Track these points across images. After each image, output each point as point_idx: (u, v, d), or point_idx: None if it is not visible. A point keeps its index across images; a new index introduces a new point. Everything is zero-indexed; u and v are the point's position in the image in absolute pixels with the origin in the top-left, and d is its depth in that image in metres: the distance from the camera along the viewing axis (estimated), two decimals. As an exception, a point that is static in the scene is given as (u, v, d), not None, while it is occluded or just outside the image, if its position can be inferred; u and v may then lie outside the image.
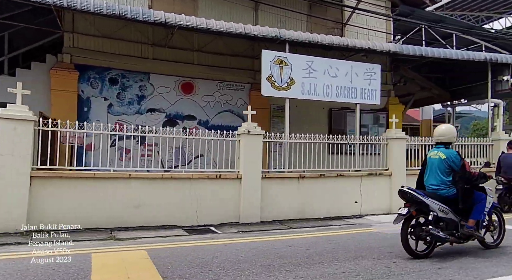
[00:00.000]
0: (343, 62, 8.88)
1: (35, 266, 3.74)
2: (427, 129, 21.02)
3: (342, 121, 11.44)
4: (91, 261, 4.19)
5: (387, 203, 8.97)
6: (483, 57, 10.34)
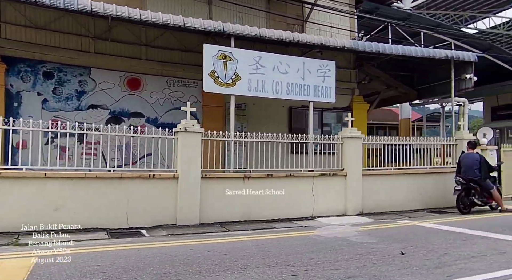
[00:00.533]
0: (295, 58, 8.56)
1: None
2: (406, 129, 20.87)
3: (303, 120, 11.11)
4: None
5: (342, 204, 8.67)
6: (444, 55, 10.12)
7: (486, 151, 10.97)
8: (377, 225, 7.44)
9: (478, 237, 5.95)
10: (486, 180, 9.06)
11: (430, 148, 10.53)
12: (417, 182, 9.86)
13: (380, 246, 5.34)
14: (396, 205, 9.46)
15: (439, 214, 9.04)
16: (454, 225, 7.13)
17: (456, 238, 5.86)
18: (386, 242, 5.63)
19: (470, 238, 5.84)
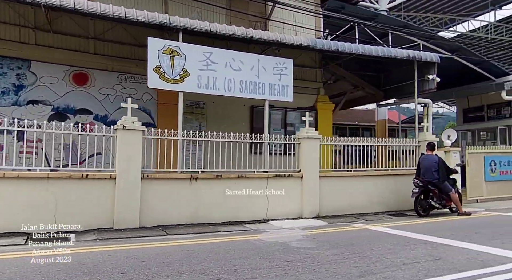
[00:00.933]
0: (249, 55, 8.25)
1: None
2: (382, 130, 20.78)
3: (262, 119, 10.82)
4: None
5: (298, 207, 8.41)
6: (406, 55, 9.98)
7: (449, 152, 10.90)
8: (328, 229, 7.20)
9: (422, 241, 5.75)
10: (445, 182, 8.93)
11: (393, 149, 10.40)
12: (378, 184, 9.69)
13: (317, 252, 5.07)
14: (356, 208, 9.26)
15: (398, 217, 8.86)
16: (406, 229, 6.93)
17: (399, 243, 5.64)
18: (326, 247, 5.37)
19: (413, 243, 5.63)
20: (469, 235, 6.23)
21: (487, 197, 12.15)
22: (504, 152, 12.69)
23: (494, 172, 12.35)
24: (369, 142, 9.69)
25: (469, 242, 5.67)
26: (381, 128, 21.06)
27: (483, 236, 6.15)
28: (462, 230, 6.90)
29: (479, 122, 17.23)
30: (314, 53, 11.39)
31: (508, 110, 15.95)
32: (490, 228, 6.99)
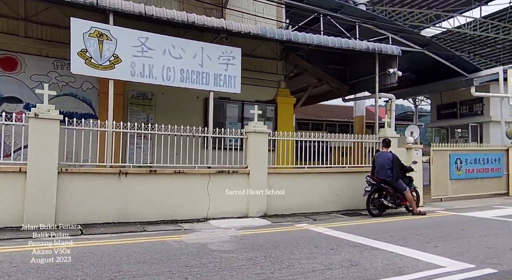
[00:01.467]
0: (191, 42, 7.70)
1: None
2: (360, 126, 20.42)
3: (221, 112, 10.34)
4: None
5: (244, 205, 7.95)
6: (366, 47, 9.53)
7: (411, 149, 10.54)
8: (266, 229, 6.75)
9: (353, 244, 5.34)
10: (399, 181, 8.56)
11: (352, 146, 10.00)
12: (335, 182, 9.29)
13: (230, 255, 4.62)
14: (310, 206, 8.85)
15: (350, 217, 8.48)
16: (347, 230, 6.53)
17: (327, 246, 5.22)
18: (245, 250, 4.93)
19: (342, 246, 5.21)
20: (408, 237, 5.86)
21: (452, 195, 11.87)
22: (471, 149, 12.42)
23: (459, 170, 12.06)
24: (325, 137, 9.26)
25: (402, 245, 5.28)
26: (359, 124, 20.67)
27: (421, 239, 5.78)
28: (405, 231, 6.52)
29: (452, 119, 16.98)
30: (275, 44, 10.90)
31: (480, 107, 15.70)
32: (435, 229, 6.62)
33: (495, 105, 14.84)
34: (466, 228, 6.78)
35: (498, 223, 7.25)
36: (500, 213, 8.79)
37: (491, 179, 12.71)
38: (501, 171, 12.84)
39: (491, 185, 12.72)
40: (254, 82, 10.68)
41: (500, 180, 12.88)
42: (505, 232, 6.30)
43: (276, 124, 10.87)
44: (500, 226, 6.95)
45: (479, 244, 5.39)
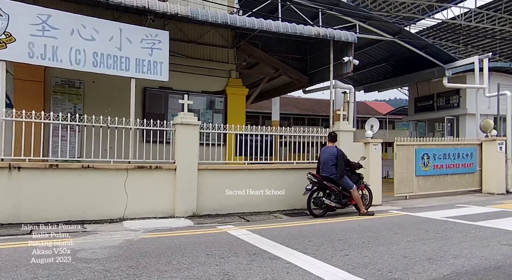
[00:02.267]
0: (106, 22, 6.95)
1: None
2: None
3: (162, 103, 9.64)
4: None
5: (170, 204, 7.31)
6: (315, 32, 8.75)
7: (369, 144, 9.84)
8: (180, 232, 6.10)
9: (255, 251, 4.71)
10: (344, 178, 7.90)
11: (301, 141, 9.31)
12: (280, 179, 8.63)
13: (89, 265, 3.97)
14: (250, 206, 8.20)
15: (291, 217, 7.84)
16: (269, 234, 5.91)
17: (223, 254, 4.58)
18: (117, 259, 4.28)
19: (239, 254, 4.56)
20: (326, 243, 5.22)
21: (419, 193, 11.21)
22: (439, 144, 11.72)
23: (426, 166, 11.37)
24: (269, 131, 8.56)
25: (310, 253, 4.67)
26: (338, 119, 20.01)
27: (339, 245, 5.14)
28: (330, 235, 5.85)
29: (429, 112, 16.24)
30: (225, 31, 10.14)
31: (457, 100, 14.95)
32: (365, 234, 5.95)
33: (471, 97, 14.08)
34: (401, 231, 6.11)
35: (441, 226, 6.57)
36: (456, 212, 8.13)
37: (462, 175, 12.03)
38: (474, 166, 12.16)
39: (463, 182, 12.04)
40: (201, 71, 9.97)
41: (473, 176, 12.20)
42: (439, 236, 5.63)
43: (226, 117, 10.17)
44: (441, 229, 6.27)
45: (397, 252, 4.72)
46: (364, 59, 16.03)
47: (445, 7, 24.09)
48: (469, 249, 4.82)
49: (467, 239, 5.44)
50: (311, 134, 9.11)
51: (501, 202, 9.83)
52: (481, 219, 7.07)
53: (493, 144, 11.98)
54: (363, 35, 12.28)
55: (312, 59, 11.26)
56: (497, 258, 4.39)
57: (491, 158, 12.00)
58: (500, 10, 23.53)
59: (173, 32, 9.68)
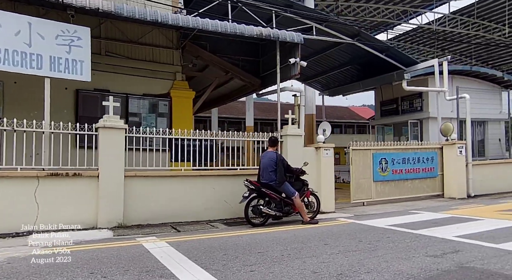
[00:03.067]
0: (10, 15, 6.29)
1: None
2: (310, 126, 19.30)
3: (98, 106, 8.96)
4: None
5: (92, 214, 6.69)
6: (258, 32, 8.31)
7: (320, 149, 9.42)
8: (90, 246, 5.50)
9: (147, 269, 4.13)
10: (285, 185, 7.41)
11: (248, 146, 8.83)
12: (222, 186, 8.13)
13: None
14: (187, 215, 7.66)
15: (229, 227, 7.32)
16: (188, 247, 5.41)
17: (110, 272, 4.01)
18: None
19: (126, 273, 3.99)
20: (240, 257, 4.72)
21: (377, 199, 10.84)
22: (398, 148, 11.38)
23: (385, 171, 11.03)
24: (208, 136, 8.03)
25: (211, 270, 4.20)
26: (308, 123, 19.57)
27: (252, 259, 4.64)
28: (252, 248, 5.34)
29: (395, 116, 16.01)
30: (169, 31, 9.61)
31: (420, 103, 14.75)
32: (290, 245, 5.46)
33: (433, 100, 13.87)
34: (332, 242, 5.64)
35: (379, 235, 6.13)
36: (404, 219, 7.73)
37: (424, 180, 11.73)
38: (435, 170, 11.88)
39: (424, 186, 11.74)
40: (143, 73, 9.40)
41: (434, 181, 11.92)
42: (368, 247, 5.16)
43: (170, 121, 9.60)
44: (376, 238, 5.82)
45: (310, 267, 4.23)
46: (328, 62, 15.77)
47: (419, 12, 24.18)
48: (389, 262, 4.36)
49: (395, 250, 4.98)
50: (256, 138, 8.61)
51: (457, 207, 9.52)
52: (424, 227, 6.67)
53: (453, 148, 11.74)
54: (321, 37, 11.97)
55: (264, 61, 10.83)
56: (412, 272, 3.92)
57: (451, 162, 11.75)
58: (473, 16, 23.75)
59: (109, 31, 9.15)
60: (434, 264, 4.19)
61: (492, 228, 6.39)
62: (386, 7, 23.57)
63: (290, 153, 8.81)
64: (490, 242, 5.24)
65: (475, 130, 15.31)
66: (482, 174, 12.15)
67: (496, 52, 28.55)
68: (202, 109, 14.69)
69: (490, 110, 15.34)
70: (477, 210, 8.73)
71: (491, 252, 4.70)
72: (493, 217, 7.53)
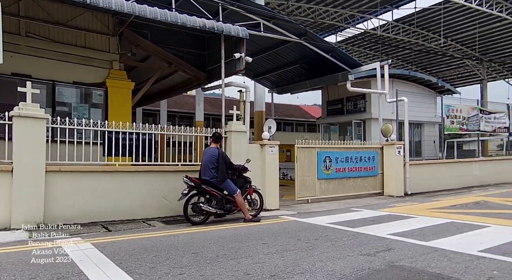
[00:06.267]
0: None
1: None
2: (259, 122, 19.10)
3: (17, 93, 8.06)
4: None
5: (4, 213, 5.92)
6: (201, 24, 7.92)
7: (265, 146, 9.28)
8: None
9: (61, 277, 3.67)
10: (226, 182, 7.15)
11: (193, 141, 8.42)
12: (162, 183, 7.70)
13: None
14: (121, 213, 7.14)
15: (168, 225, 6.94)
16: (114, 249, 4.96)
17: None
18: None
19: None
20: (171, 258, 4.42)
21: (321, 196, 10.94)
22: (342, 147, 11.60)
23: (329, 169, 11.16)
24: (147, 129, 7.52)
25: (136, 274, 3.87)
26: (258, 120, 19.38)
27: (184, 261, 4.33)
28: (187, 248, 5.03)
29: (340, 115, 16.39)
30: (104, 16, 8.89)
31: (363, 104, 15.23)
32: (228, 244, 5.22)
33: (375, 102, 14.38)
34: (271, 241, 5.48)
35: (319, 233, 6.09)
36: (345, 217, 7.81)
37: (365, 178, 12.06)
38: (376, 169, 12.27)
39: (366, 185, 12.08)
40: (73, 59, 8.61)
41: (375, 179, 12.30)
42: (306, 246, 5.07)
43: (106, 112, 8.90)
44: (315, 237, 5.76)
45: (243, 268, 4.01)
46: (277, 60, 15.74)
47: (366, 18, 25.08)
48: (324, 261, 4.26)
49: (332, 249, 4.92)
50: (199, 134, 8.25)
51: (394, 205, 9.86)
52: (362, 225, 6.74)
53: (392, 148, 12.20)
54: (268, 34, 11.83)
55: (210, 54, 10.46)
56: (345, 272, 3.85)
57: (391, 161, 12.20)
58: (414, 25, 25.15)
59: (30, 10, 8.21)
60: (366, 263, 4.16)
61: (423, 225, 6.62)
62: (335, 11, 24.17)
63: (234, 149, 8.57)
64: (420, 240, 5.38)
65: (412, 132, 16.10)
66: (418, 173, 12.80)
67: (434, 60, 30.62)
68: (145, 102, 13.96)
69: (426, 113, 16.24)
70: (412, 208, 9.09)
71: (420, 250, 4.80)
72: (425, 215, 7.86)
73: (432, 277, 3.70)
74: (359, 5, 22.85)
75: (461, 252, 4.64)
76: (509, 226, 6.44)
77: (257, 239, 5.67)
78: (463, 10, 21.68)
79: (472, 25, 23.74)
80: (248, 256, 4.59)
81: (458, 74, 33.29)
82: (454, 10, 21.83)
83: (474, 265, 4.12)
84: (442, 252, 4.67)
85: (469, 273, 3.83)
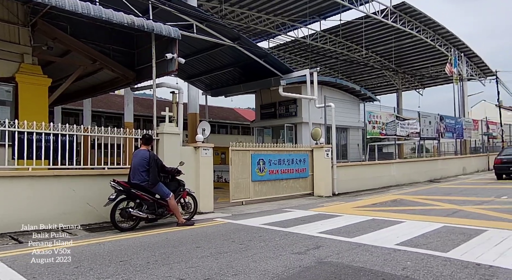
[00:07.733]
0: None
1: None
2: (193, 125, 18.56)
3: None
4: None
5: None
6: (129, 21, 7.49)
7: (199, 149, 9.12)
8: None
9: None
10: (158, 185, 6.86)
11: (121, 143, 7.93)
12: (85, 188, 7.17)
13: None
14: (36, 220, 6.32)
15: (91, 233, 6.46)
16: (21, 263, 4.36)
17: None
18: None
19: None
20: (95, 269, 4.08)
21: (255, 198, 11.04)
22: (274, 150, 11.88)
23: (262, 171, 11.32)
24: (67, 130, 6.91)
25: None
26: (192, 122, 18.91)
27: (110, 270, 4.05)
28: (114, 256, 4.69)
29: (273, 119, 16.80)
30: (13, 4, 7.99)
31: (294, 109, 15.80)
32: (159, 250, 5.00)
33: (305, 107, 15.00)
34: (205, 244, 5.36)
35: (252, 234, 6.13)
36: (278, 218, 7.96)
37: (297, 180, 12.45)
38: (307, 171, 12.74)
39: (297, 186, 12.47)
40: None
41: (306, 180, 12.76)
42: (240, 248, 5.06)
43: (16, 110, 7.99)
44: (249, 238, 5.78)
45: (176, 274, 3.87)
46: (211, 63, 15.64)
47: (296, 26, 26.06)
48: (258, 262, 4.29)
49: (265, 249, 4.98)
50: (129, 136, 7.82)
51: (323, 204, 10.32)
52: (294, 225, 6.94)
53: (321, 151, 12.79)
54: (201, 36, 11.73)
55: (140, 53, 10.00)
56: (277, 271, 3.91)
57: (320, 163, 12.78)
58: (339, 36, 26.80)
59: None
60: (297, 261, 4.28)
61: (348, 223, 7.02)
62: (267, 17, 24.78)
63: (166, 152, 8.29)
64: (346, 237, 5.69)
65: (339, 136, 17.11)
66: (345, 174, 13.60)
67: (357, 69, 33.01)
68: (66, 100, 12.86)
69: (351, 118, 17.39)
70: (339, 207, 9.62)
71: (345, 246, 5.08)
72: (351, 213, 8.36)
73: (356, 270, 3.92)
74: (290, 13, 23.71)
75: (381, 246, 5.01)
76: (420, 221, 7.12)
77: (190, 243, 5.52)
78: (381, 25, 23.67)
79: (389, 40, 26.04)
80: (181, 260, 4.44)
81: (378, 83, 36.31)
82: (373, 25, 23.73)
83: (391, 257, 4.47)
84: (365, 247, 4.99)
85: (387, 264, 4.14)
